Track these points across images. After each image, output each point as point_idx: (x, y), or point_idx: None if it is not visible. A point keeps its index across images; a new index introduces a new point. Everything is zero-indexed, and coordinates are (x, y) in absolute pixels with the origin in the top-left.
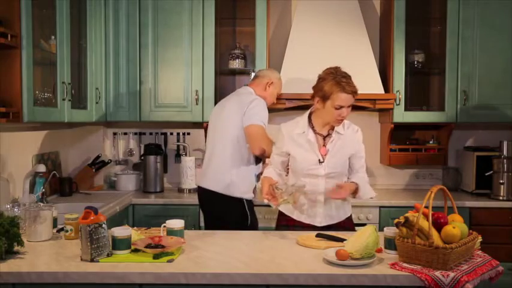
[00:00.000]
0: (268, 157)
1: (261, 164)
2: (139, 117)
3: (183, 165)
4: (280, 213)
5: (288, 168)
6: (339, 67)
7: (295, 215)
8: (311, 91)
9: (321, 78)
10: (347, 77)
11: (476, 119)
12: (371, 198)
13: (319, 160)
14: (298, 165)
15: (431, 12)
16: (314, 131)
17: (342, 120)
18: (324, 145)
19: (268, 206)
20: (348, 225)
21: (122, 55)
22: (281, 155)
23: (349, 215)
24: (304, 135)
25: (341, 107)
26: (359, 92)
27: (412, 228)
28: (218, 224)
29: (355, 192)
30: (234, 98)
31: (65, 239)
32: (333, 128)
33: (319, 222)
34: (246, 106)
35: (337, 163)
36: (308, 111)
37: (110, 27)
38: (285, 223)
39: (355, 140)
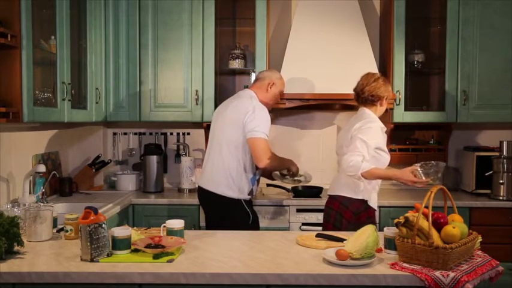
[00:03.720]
0: (271, 170)
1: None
2: (139, 117)
3: (183, 165)
4: (363, 208)
5: None
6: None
7: (372, 203)
8: (311, 91)
9: (386, 82)
10: None
11: (476, 119)
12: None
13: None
14: (386, 158)
15: (431, 12)
16: None
17: None
18: None
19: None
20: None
21: (122, 55)
22: (375, 149)
23: None
24: (383, 130)
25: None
26: None
27: (412, 228)
28: (219, 223)
29: None
30: (236, 102)
31: (65, 239)
32: None
33: (377, 206)
34: (247, 114)
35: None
36: (369, 111)
37: (110, 28)
38: (371, 214)
39: None
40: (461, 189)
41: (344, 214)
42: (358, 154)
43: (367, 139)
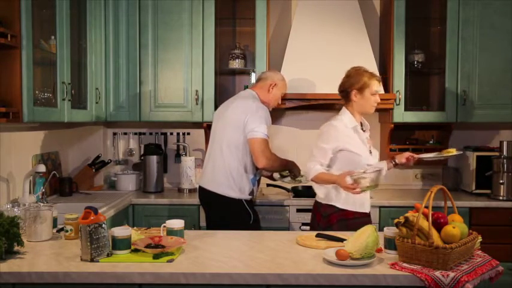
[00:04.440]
0: (272, 171)
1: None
2: (139, 117)
3: (183, 165)
4: (333, 210)
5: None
6: None
7: (350, 207)
8: (311, 91)
9: (354, 73)
10: None
11: (476, 119)
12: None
13: (370, 151)
14: (356, 158)
15: (431, 12)
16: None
17: (376, 106)
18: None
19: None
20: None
21: (122, 55)
22: (333, 151)
23: None
24: (355, 129)
25: (376, 92)
26: None
27: (412, 228)
28: (220, 223)
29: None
30: (237, 103)
31: (65, 239)
32: (361, 123)
33: (368, 208)
34: (249, 115)
35: (375, 153)
36: (345, 109)
37: (110, 28)
38: (343, 217)
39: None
40: (461, 189)
41: (316, 216)
42: (312, 160)
43: (323, 144)
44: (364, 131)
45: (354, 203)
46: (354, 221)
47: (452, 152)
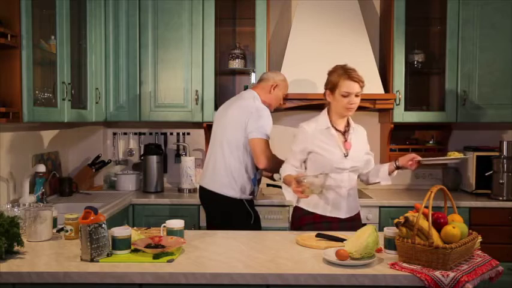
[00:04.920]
0: (271, 171)
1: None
2: (139, 117)
3: (183, 165)
4: (302, 213)
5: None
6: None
7: (320, 210)
8: (311, 91)
9: (330, 72)
10: (354, 69)
11: (476, 119)
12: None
13: (344, 154)
14: (325, 161)
15: (431, 12)
16: (333, 127)
17: (352, 109)
18: (345, 140)
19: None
20: (359, 217)
21: (122, 55)
22: (302, 153)
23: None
24: (327, 131)
25: (348, 93)
26: None
27: (412, 228)
28: (221, 223)
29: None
30: (239, 103)
31: (65, 239)
32: (348, 125)
33: (344, 214)
34: (250, 115)
35: (358, 157)
36: (325, 110)
37: (110, 28)
38: (311, 221)
39: (365, 138)
40: (461, 189)
41: (291, 217)
42: (286, 162)
43: (293, 146)
44: (344, 133)
45: (324, 206)
46: (323, 225)
47: (458, 155)
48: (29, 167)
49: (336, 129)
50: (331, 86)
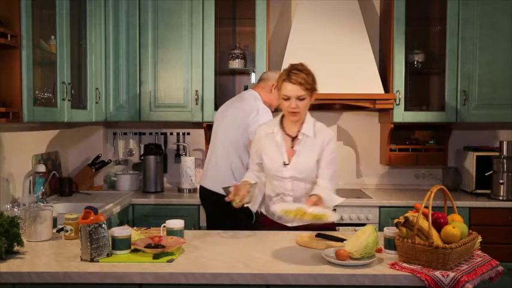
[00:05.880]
0: None
1: None
2: (139, 117)
3: (183, 165)
4: (262, 215)
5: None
6: (303, 63)
7: (270, 215)
8: None
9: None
10: (302, 70)
11: (476, 119)
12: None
13: (284, 162)
14: (266, 167)
15: (431, 12)
16: (284, 131)
17: (296, 113)
18: (292, 147)
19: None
20: (325, 225)
21: (122, 55)
22: (256, 156)
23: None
24: (272, 136)
25: (288, 97)
26: (360, 92)
27: (412, 228)
28: (221, 223)
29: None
30: (240, 103)
31: (65, 239)
32: (300, 130)
33: (290, 223)
34: (251, 116)
35: (302, 166)
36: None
37: (110, 28)
38: (268, 224)
39: (324, 146)
40: (461, 189)
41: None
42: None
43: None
44: (293, 138)
45: (273, 214)
46: (275, 230)
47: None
48: (29, 167)
49: (286, 134)
50: (278, 88)
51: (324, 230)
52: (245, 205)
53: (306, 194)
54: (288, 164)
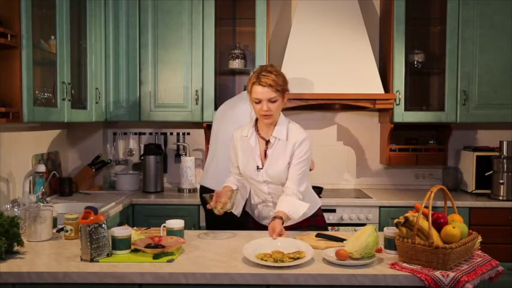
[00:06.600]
0: None
1: None
2: (139, 117)
3: (183, 165)
4: (249, 215)
5: None
6: (273, 64)
7: (256, 217)
8: (311, 91)
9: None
10: (271, 71)
11: (476, 119)
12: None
13: (258, 166)
14: (241, 170)
15: (431, 12)
16: (259, 134)
17: (268, 116)
18: (265, 150)
19: None
20: (312, 223)
21: (122, 55)
22: (235, 160)
23: (309, 214)
24: (246, 139)
25: (259, 100)
26: (360, 92)
27: (412, 228)
28: (221, 223)
29: (287, 219)
30: (241, 103)
31: (65, 239)
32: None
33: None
34: (251, 115)
35: (273, 171)
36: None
37: (110, 28)
38: (253, 225)
39: (295, 148)
40: (461, 189)
41: None
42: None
43: None
44: (267, 141)
45: (256, 214)
46: (258, 230)
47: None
48: (29, 167)
49: (261, 137)
50: (248, 92)
51: (316, 228)
52: (228, 211)
53: None
54: (261, 168)
